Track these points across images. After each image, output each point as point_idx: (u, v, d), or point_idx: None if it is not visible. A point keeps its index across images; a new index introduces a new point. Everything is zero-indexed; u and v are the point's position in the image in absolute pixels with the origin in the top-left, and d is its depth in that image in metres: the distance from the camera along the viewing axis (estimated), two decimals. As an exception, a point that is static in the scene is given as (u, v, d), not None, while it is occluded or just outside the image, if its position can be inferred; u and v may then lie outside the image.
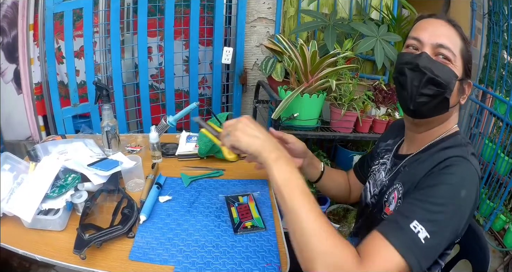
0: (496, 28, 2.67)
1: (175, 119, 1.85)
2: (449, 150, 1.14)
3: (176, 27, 2.61)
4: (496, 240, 2.68)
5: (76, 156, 1.60)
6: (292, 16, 2.83)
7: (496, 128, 2.78)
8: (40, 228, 1.31)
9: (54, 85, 2.36)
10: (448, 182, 1.03)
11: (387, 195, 1.28)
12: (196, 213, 1.45)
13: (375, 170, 1.46)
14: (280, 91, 2.28)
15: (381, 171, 1.41)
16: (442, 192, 1.02)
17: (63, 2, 2.25)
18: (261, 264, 1.23)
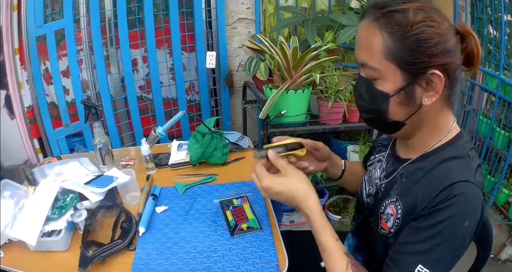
0: (479, 4, 2.66)
1: (164, 129, 1.88)
2: (452, 166, 1.05)
3: (158, 37, 2.64)
4: (501, 214, 2.69)
5: (73, 176, 1.63)
6: (272, 13, 2.84)
7: (489, 103, 2.79)
8: (45, 250, 1.35)
9: (44, 107, 2.39)
10: (453, 218, 0.97)
11: (383, 207, 1.18)
12: (192, 220, 1.49)
13: (371, 167, 1.41)
14: (265, 90, 2.31)
15: (376, 169, 1.35)
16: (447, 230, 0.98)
17: (45, 25, 2.27)
18: (260, 264, 1.27)
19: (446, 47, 1.00)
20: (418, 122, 1.11)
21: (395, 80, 1.04)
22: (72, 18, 2.36)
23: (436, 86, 1.02)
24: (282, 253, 1.32)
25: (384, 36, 1.02)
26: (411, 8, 1.01)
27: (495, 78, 2.53)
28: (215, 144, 1.84)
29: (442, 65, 1.00)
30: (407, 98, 1.05)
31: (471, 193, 0.99)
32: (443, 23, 1.01)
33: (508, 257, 2.59)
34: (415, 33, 0.99)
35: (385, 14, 1.03)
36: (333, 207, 2.94)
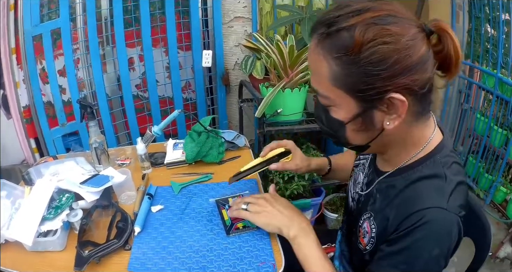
0: (477, 3, 2.67)
1: (160, 128, 1.88)
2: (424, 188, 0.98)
3: (154, 35, 2.64)
4: (499, 212, 2.70)
5: (69, 175, 1.63)
6: (268, 12, 2.84)
7: (487, 101, 2.80)
8: (41, 250, 1.35)
9: (40, 107, 2.39)
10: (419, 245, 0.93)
11: (361, 220, 1.16)
12: (188, 219, 1.49)
13: (357, 168, 1.37)
14: (261, 89, 2.31)
15: (360, 173, 1.32)
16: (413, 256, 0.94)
17: (41, 24, 2.27)
18: (256, 264, 1.27)
19: (408, 64, 0.86)
20: (385, 143, 1.03)
21: (349, 107, 0.95)
22: (68, 17, 2.36)
23: (398, 109, 0.91)
24: (278, 252, 1.32)
25: (329, 62, 0.91)
26: (359, 24, 0.86)
27: (493, 77, 2.54)
28: (211, 143, 1.84)
29: (404, 86, 0.88)
30: (364, 124, 0.97)
31: (442, 219, 0.93)
32: (405, 33, 0.86)
33: (506, 255, 2.60)
34: (365, 56, 0.86)
35: (329, 34, 0.90)
36: (329, 205, 2.94)
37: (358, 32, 0.85)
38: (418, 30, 0.88)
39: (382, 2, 0.90)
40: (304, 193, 2.64)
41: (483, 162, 2.77)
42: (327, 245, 1.63)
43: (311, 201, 2.64)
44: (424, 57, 0.88)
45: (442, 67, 0.93)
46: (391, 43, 0.84)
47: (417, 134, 1.02)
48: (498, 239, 2.63)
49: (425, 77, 0.89)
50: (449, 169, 1.00)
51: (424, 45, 0.88)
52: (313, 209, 2.75)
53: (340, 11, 0.89)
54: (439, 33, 0.90)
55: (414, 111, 0.95)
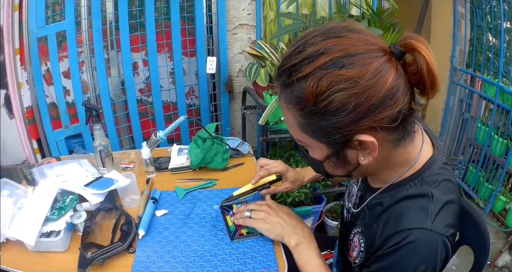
0: (479, 12, 2.68)
1: (165, 134, 1.88)
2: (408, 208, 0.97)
3: (159, 41, 2.65)
4: (498, 221, 2.70)
5: (72, 177, 1.63)
6: (273, 20, 2.86)
7: (488, 110, 2.81)
8: (43, 251, 1.35)
9: (44, 108, 2.39)
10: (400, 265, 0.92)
11: (352, 234, 1.17)
12: (192, 224, 1.49)
13: (351, 181, 1.36)
14: (265, 96, 2.32)
15: (353, 185, 1.31)
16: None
17: (46, 26, 2.28)
18: (259, 269, 1.28)
19: (371, 105, 0.82)
20: (368, 171, 1.03)
21: (320, 149, 0.96)
22: (74, 20, 2.37)
23: (369, 147, 0.89)
24: (281, 259, 1.33)
25: (292, 113, 0.90)
26: (313, 73, 0.82)
27: (494, 86, 2.55)
28: (216, 149, 1.84)
29: (369, 126, 0.85)
30: (339, 161, 0.97)
31: (426, 240, 0.91)
32: (363, 73, 0.80)
33: (505, 264, 2.60)
34: (322, 106, 0.83)
35: (288, 85, 0.87)
36: (330, 213, 2.94)
37: (311, 84, 0.82)
38: (385, 59, 0.83)
39: (339, 39, 0.84)
40: (306, 200, 2.64)
41: (483, 171, 2.78)
42: (326, 251, 1.64)
43: (312, 208, 2.64)
44: (391, 90, 0.82)
45: (418, 88, 0.87)
46: (348, 88, 0.80)
47: (403, 156, 1.00)
48: (496, 248, 2.63)
49: (394, 112, 0.84)
50: (437, 188, 0.98)
51: (392, 75, 0.82)
52: (314, 216, 2.75)
53: (295, 59, 0.85)
54: (411, 53, 0.83)
55: (392, 139, 0.92)
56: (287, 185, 1.57)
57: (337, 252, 1.47)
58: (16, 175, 2.36)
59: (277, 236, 1.33)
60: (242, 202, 1.60)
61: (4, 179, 1.52)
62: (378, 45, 0.85)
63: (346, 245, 1.21)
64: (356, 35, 0.85)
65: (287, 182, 1.57)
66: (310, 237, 1.30)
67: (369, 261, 1.02)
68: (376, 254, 0.98)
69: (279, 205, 1.44)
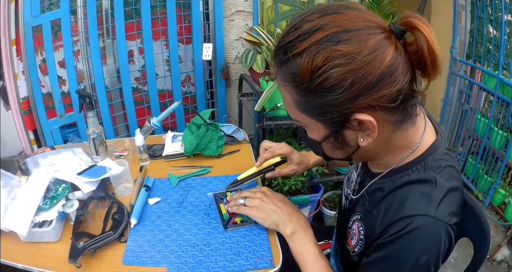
0: (480, 3, 2.66)
1: (159, 120, 1.86)
2: (411, 193, 0.95)
3: (155, 28, 2.62)
4: (497, 214, 2.69)
5: (65, 166, 1.62)
6: (270, 6, 2.83)
7: (487, 102, 2.79)
8: (36, 241, 1.34)
9: (39, 98, 2.37)
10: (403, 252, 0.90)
11: (351, 221, 1.14)
12: (185, 212, 1.48)
13: (351, 167, 1.34)
14: (262, 83, 2.30)
15: (353, 171, 1.30)
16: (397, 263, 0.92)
17: (41, 15, 2.26)
18: (253, 259, 1.26)
19: (368, 82, 0.80)
20: (367, 154, 1.01)
21: (318, 129, 0.93)
22: (69, 8, 2.34)
23: (368, 127, 0.87)
24: (276, 248, 1.31)
25: (289, 90, 0.89)
26: (308, 49, 0.80)
27: (494, 78, 2.52)
28: (210, 136, 1.83)
29: (367, 105, 0.83)
30: (337, 143, 0.95)
31: (430, 228, 0.89)
32: (361, 49, 0.79)
33: (504, 258, 2.59)
34: (318, 83, 0.81)
35: (284, 62, 0.86)
36: (328, 202, 2.93)
37: (305, 60, 0.80)
38: (383, 36, 0.81)
39: (335, 15, 0.83)
40: (303, 189, 2.64)
41: (482, 164, 2.76)
42: (323, 241, 1.63)
43: (309, 197, 2.63)
44: (390, 68, 0.80)
45: (419, 68, 0.84)
46: (344, 64, 0.78)
47: (404, 140, 0.97)
48: (495, 241, 2.62)
49: (393, 90, 0.82)
50: (441, 174, 0.96)
51: (390, 53, 0.80)
52: (311, 205, 2.74)
53: (291, 35, 0.84)
54: (411, 31, 0.81)
55: (393, 120, 0.90)
56: (292, 167, 1.56)
57: (335, 241, 1.45)
58: (12, 167, 2.35)
59: (272, 224, 1.31)
60: (237, 190, 1.58)
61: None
62: (377, 23, 0.83)
63: (345, 234, 1.19)
64: (354, 12, 0.84)
65: (292, 164, 1.56)
66: (305, 225, 1.28)
67: (369, 249, 0.99)
68: (377, 242, 0.96)
69: (274, 192, 1.42)
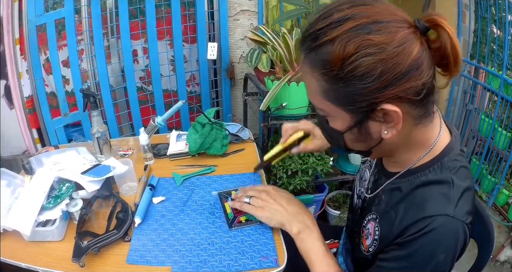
0: (483, 3, 2.64)
1: (163, 119, 1.86)
2: (430, 194, 0.95)
3: (159, 27, 2.61)
4: (500, 215, 2.67)
5: (69, 165, 1.62)
6: (275, 6, 2.82)
7: (491, 102, 2.76)
8: (39, 240, 1.33)
9: (43, 97, 2.37)
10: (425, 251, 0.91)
11: (365, 220, 1.14)
12: (190, 211, 1.47)
13: (364, 165, 1.35)
14: (267, 82, 2.29)
15: (366, 170, 1.30)
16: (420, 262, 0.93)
17: (45, 14, 2.25)
18: (258, 258, 1.25)
19: (397, 73, 0.81)
20: (388, 148, 1.00)
21: (343, 119, 0.93)
22: (73, 7, 2.34)
23: (393, 119, 0.87)
24: (281, 247, 1.30)
25: (317, 78, 0.89)
26: (340, 37, 0.82)
27: (498, 78, 2.50)
28: (215, 135, 1.82)
29: (395, 96, 0.84)
30: (360, 134, 0.94)
31: (448, 227, 0.90)
32: (391, 40, 0.80)
33: (507, 259, 2.57)
34: (349, 70, 0.82)
35: (313, 49, 0.86)
36: (332, 202, 2.92)
37: (338, 47, 0.81)
38: (410, 31, 0.83)
39: (365, 7, 0.84)
40: (307, 188, 2.62)
41: (486, 164, 2.74)
42: (330, 241, 1.61)
43: (314, 197, 2.62)
44: (417, 61, 0.82)
45: (441, 65, 0.87)
46: (375, 54, 0.80)
47: (422, 136, 0.98)
48: (499, 242, 2.60)
49: (419, 83, 0.84)
50: (456, 174, 0.97)
51: (417, 47, 0.82)
52: (316, 205, 2.73)
53: (321, 23, 0.85)
54: (434, 29, 0.84)
55: (415, 114, 0.91)
56: (316, 143, 1.53)
57: (345, 240, 1.44)
58: (16, 166, 2.36)
59: (277, 223, 1.31)
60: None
61: (2, 169, 1.51)
62: (403, 17, 0.85)
63: (358, 232, 1.19)
64: (383, 5, 0.86)
65: (316, 140, 1.53)
66: (312, 224, 1.28)
67: (387, 248, 1.00)
68: (396, 241, 0.96)
69: (278, 190, 1.41)
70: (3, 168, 1.52)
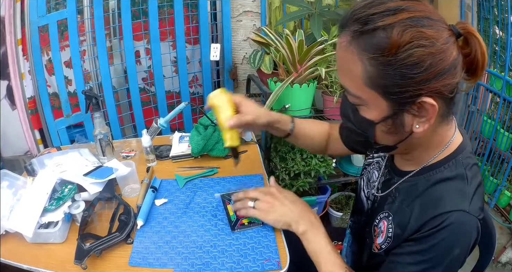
0: (486, 4, 2.63)
1: (166, 120, 1.85)
2: (446, 190, 0.98)
3: (162, 28, 2.61)
4: (502, 216, 2.67)
5: (72, 166, 1.61)
6: (278, 7, 2.82)
7: (494, 104, 2.76)
8: (41, 242, 1.33)
9: (45, 98, 2.37)
10: (443, 245, 0.93)
11: (377, 219, 1.15)
12: (192, 213, 1.46)
13: (370, 167, 1.34)
14: (270, 83, 2.28)
15: (374, 171, 1.30)
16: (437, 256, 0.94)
17: (47, 15, 2.25)
18: (260, 261, 1.24)
19: (441, 68, 0.84)
20: (412, 144, 1.01)
21: (380, 108, 0.93)
22: (75, 8, 2.34)
23: (428, 113, 0.89)
24: (283, 250, 1.30)
25: (364, 62, 0.88)
26: (397, 24, 0.83)
27: (500, 79, 2.49)
28: (218, 136, 1.81)
29: (435, 90, 0.86)
30: (394, 126, 0.94)
31: (464, 222, 0.93)
32: (439, 37, 0.83)
33: (508, 260, 2.57)
34: (401, 58, 0.83)
35: (365, 32, 0.86)
36: (335, 204, 2.92)
37: (396, 33, 0.82)
38: (449, 34, 0.86)
39: (416, 3, 0.87)
40: (310, 190, 2.62)
41: (488, 165, 2.74)
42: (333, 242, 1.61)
43: (317, 198, 2.62)
44: (455, 61, 0.86)
45: (468, 70, 0.91)
46: (427, 46, 0.82)
47: (441, 135, 1.02)
48: (500, 243, 2.61)
49: (454, 82, 0.88)
50: (470, 171, 1.00)
51: (455, 49, 0.86)
52: (318, 207, 2.73)
53: (375, 9, 0.85)
54: (466, 36, 0.88)
55: (441, 113, 0.93)
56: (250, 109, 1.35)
57: (350, 243, 1.46)
58: (18, 166, 2.36)
59: (284, 225, 1.31)
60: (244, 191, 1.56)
61: (4, 171, 1.51)
62: (443, 21, 0.88)
63: (369, 233, 1.19)
64: (427, 5, 0.89)
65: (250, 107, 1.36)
66: (317, 222, 1.29)
67: (403, 243, 1.01)
68: (412, 237, 0.98)
69: (282, 190, 1.40)
70: (6, 169, 1.52)
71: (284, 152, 2.44)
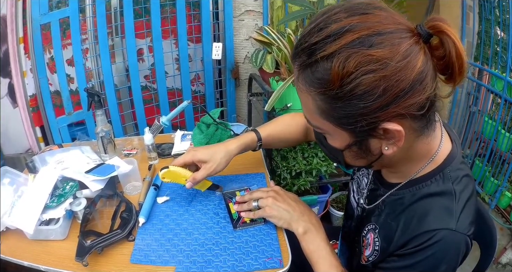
0: (487, 5, 2.64)
1: (168, 119, 1.85)
2: (432, 206, 0.93)
3: (164, 27, 2.61)
4: (503, 217, 2.67)
5: (73, 164, 1.61)
6: (280, 6, 2.81)
7: (495, 104, 2.76)
8: (42, 239, 1.32)
9: (47, 95, 2.38)
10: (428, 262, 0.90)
11: (365, 230, 1.12)
12: (194, 211, 1.46)
13: (359, 173, 1.30)
14: (272, 83, 2.28)
15: (363, 177, 1.26)
16: None
17: (49, 13, 2.26)
18: (262, 259, 1.24)
19: (400, 90, 0.75)
20: (389, 162, 0.96)
21: (341, 137, 0.88)
22: (78, 6, 2.34)
23: (395, 136, 0.82)
24: (285, 248, 1.29)
25: (313, 96, 0.82)
26: (339, 52, 0.75)
27: (502, 80, 2.49)
28: (220, 135, 1.81)
29: (397, 114, 0.78)
30: (361, 151, 0.90)
31: (451, 240, 0.88)
32: (394, 54, 0.74)
33: (509, 261, 2.57)
34: (348, 90, 0.76)
35: (308, 65, 0.79)
36: (336, 203, 2.91)
37: (336, 65, 0.74)
38: (413, 41, 0.76)
39: (364, 16, 0.77)
40: (311, 189, 2.61)
41: (489, 166, 2.73)
42: (332, 241, 1.61)
43: (318, 197, 2.61)
44: (420, 75, 0.76)
45: (445, 74, 0.80)
46: (377, 70, 0.74)
47: (424, 147, 0.94)
48: (501, 244, 2.60)
49: (422, 98, 0.78)
50: (459, 184, 0.94)
51: (421, 58, 0.76)
52: (320, 206, 2.72)
53: (316, 36, 0.77)
54: (438, 35, 0.77)
55: (416, 128, 0.86)
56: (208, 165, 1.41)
57: (343, 244, 1.46)
58: (19, 164, 2.35)
59: (284, 223, 1.30)
60: (246, 189, 1.56)
61: (5, 167, 1.50)
62: (406, 25, 0.79)
63: (359, 242, 1.17)
64: (384, 13, 0.79)
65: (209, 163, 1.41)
66: (317, 224, 1.28)
67: (388, 258, 0.99)
68: (397, 253, 0.95)
69: (286, 191, 1.40)
70: (7, 166, 1.52)
71: (285, 151, 2.43)
